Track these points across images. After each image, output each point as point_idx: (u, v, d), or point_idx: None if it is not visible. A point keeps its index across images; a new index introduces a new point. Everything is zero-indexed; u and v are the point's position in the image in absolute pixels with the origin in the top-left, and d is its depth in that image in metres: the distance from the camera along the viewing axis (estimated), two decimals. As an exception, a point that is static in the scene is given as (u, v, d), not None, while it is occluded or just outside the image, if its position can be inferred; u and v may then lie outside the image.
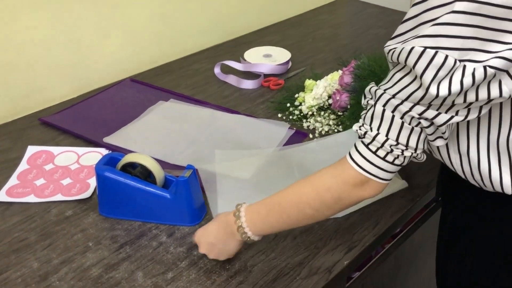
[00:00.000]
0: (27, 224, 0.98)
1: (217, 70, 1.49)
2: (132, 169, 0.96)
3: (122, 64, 1.49)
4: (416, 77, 0.68)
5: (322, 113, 1.27)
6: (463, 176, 0.82)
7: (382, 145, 0.73)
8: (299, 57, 1.59)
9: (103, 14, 1.41)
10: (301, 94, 1.32)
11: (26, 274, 0.88)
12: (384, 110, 0.72)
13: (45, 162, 1.14)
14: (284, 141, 1.19)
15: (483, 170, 0.78)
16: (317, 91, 1.28)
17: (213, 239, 0.86)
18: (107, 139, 1.19)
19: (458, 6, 0.64)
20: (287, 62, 1.52)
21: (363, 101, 0.77)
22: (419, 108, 0.70)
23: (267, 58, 1.54)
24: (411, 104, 0.70)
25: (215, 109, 1.31)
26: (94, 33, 1.41)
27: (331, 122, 1.24)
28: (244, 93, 1.41)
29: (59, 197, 1.03)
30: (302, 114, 1.28)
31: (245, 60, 1.53)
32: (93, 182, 1.07)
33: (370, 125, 0.74)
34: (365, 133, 0.75)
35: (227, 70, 1.50)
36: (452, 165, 0.82)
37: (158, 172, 0.95)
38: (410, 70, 0.69)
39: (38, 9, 1.27)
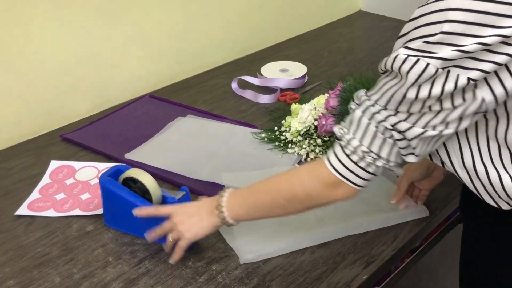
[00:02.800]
0: (49, 239, 1.00)
1: (234, 85, 1.51)
2: (133, 183, 0.97)
3: (141, 80, 1.52)
4: (398, 79, 0.69)
5: (307, 141, 1.20)
6: (477, 194, 0.80)
7: (355, 150, 0.75)
8: (315, 71, 1.60)
9: (123, 32, 1.44)
10: (288, 118, 1.27)
11: (48, 289, 0.90)
12: (361, 116, 0.74)
13: (66, 176, 1.16)
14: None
15: (494, 180, 0.76)
16: (302, 115, 1.22)
17: (190, 210, 0.88)
18: (129, 155, 1.21)
19: (446, 27, 0.65)
20: (303, 76, 1.54)
21: (349, 105, 0.79)
22: (392, 119, 0.71)
23: (284, 73, 1.56)
24: (387, 114, 0.72)
25: (233, 124, 1.33)
26: (114, 50, 1.44)
27: (317, 150, 1.18)
28: (261, 108, 1.42)
29: (77, 212, 1.06)
30: (287, 140, 1.22)
31: (261, 75, 1.55)
32: (113, 197, 1.09)
33: (348, 128, 0.76)
34: (342, 135, 0.77)
35: (244, 85, 1.51)
36: (463, 181, 0.81)
37: (155, 191, 0.96)
38: (396, 75, 0.70)
39: (59, 27, 1.31)
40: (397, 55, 0.69)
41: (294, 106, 1.28)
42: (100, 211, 1.04)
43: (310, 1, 1.91)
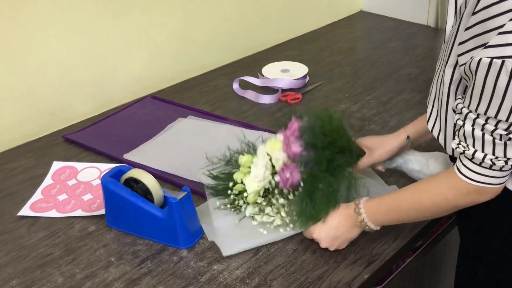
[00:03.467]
0: (51, 240, 1.00)
1: (235, 85, 1.52)
2: (135, 184, 0.98)
3: (143, 81, 1.53)
4: (490, 91, 0.69)
5: (265, 202, 1.00)
6: None
7: (483, 160, 0.75)
8: (316, 71, 1.60)
9: (124, 33, 1.44)
10: (237, 177, 1.03)
11: (51, 289, 0.90)
12: (473, 129, 0.75)
13: (69, 177, 1.17)
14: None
15: None
16: (257, 172, 1.00)
17: (335, 233, 0.92)
18: (128, 156, 1.21)
19: None
20: (304, 77, 1.54)
21: (454, 120, 0.78)
22: (503, 125, 0.71)
23: (285, 73, 1.56)
24: (495, 121, 0.72)
25: (234, 125, 1.33)
26: (115, 52, 1.45)
27: (283, 213, 0.98)
28: (262, 108, 1.43)
29: (79, 213, 1.06)
30: (246, 205, 1.02)
31: (263, 75, 1.55)
32: (115, 198, 1.09)
33: (465, 142, 0.77)
34: (464, 150, 0.77)
35: (245, 85, 1.52)
36: None
37: (156, 191, 0.97)
38: (484, 84, 0.70)
39: (61, 29, 1.32)
40: (480, 59, 0.68)
41: (244, 159, 1.04)
42: (102, 211, 1.05)
43: (311, 2, 1.91)
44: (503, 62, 0.66)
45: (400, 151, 1.04)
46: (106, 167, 1.19)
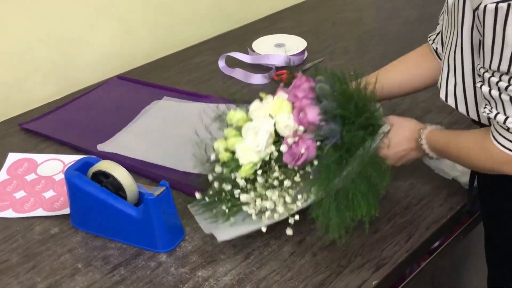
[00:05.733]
0: (8, 244, 1.01)
1: (221, 63, 1.52)
2: (105, 178, 0.98)
3: (111, 59, 1.53)
4: (500, 41, 0.72)
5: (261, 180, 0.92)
6: None
7: (506, 123, 0.78)
8: (316, 46, 1.61)
9: (89, 3, 1.44)
10: (219, 145, 0.95)
11: (8, 301, 0.91)
12: (490, 90, 0.78)
13: (27, 171, 1.17)
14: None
15: None
16: (258, 141, 0.91)
17: (402, 153, 0.99)
18: (102, 147, 1.21)
19: None
20: (302, 52, 1.55)
21: (476, 83, 0.81)
22: None
23: (280, 48, 1.57)
24: (508, 77, 0.74)
25: (218, 103, 1.29)
26: (78, 25, 1.44)
27: (288, 198, 0.90)
28: (253, 89, 1.43)
29: (39, 212, 1.07)
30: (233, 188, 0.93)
31: (253, 51, 1.56)
32: (81, 195, 1.10)
33: (490, 105, 0.80)
34: (488, 115, 0.81)
35: (234, 63, 1.52)
36: None
37: (130, 186, 0.97)
38: (494, 34, 0.72)
39: (13, 1, 1.31)
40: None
41: (235, 115, 0.96)
42: (67, 210, 1.05)
43: (309, -36, 1.91)
44: (509, 6, 0.68)
45: None
46: (71, 159, 1.19)
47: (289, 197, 0.92)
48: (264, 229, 0.94)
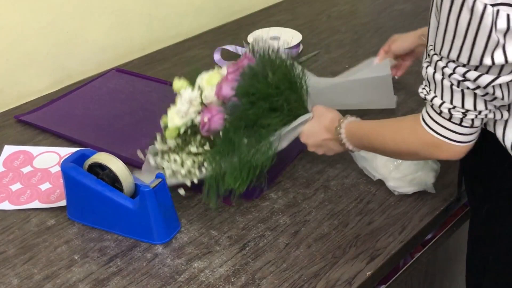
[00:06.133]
0: (4, 236, 1.01)
1: (217, 56, 1.52)
2: (101, 170, 0.99)
3: (107, 52, 1.53)
4: (452, 30, 0.73)
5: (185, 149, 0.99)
6: None
7: (440, 107, 0.81)
8: (311, 39, 1.62)
9: (85, -6, 1.44)
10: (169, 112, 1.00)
11: (5, 292, 0.92)
12: (434, 73, 0.80)
13: (23, 164, 1.17)
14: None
15: None
16: (180, 107, 0.97)
17: (320, 142, 1.04)
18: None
19: None
20: (297, 45, 1.55)
21: (422, 64, 0.83)
22: (461, 70, 0.76)
23: (275, 41, 1.56)
24: (455, 65, 0.76)
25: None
26: (74, 17, 1.44)
27: (188, 162, 0.98)
28: (249, 82, 1.44)
29: (36, 204, 1.07)
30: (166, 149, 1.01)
31: (249, 44, 1.56)
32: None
33: (429, 87, 0.82)
34: (425, 96, 0.83)
35: (229, 56, 1.52)
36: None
37: (126, 178, 0.98)
38: (447, 23, 0.74)
39: (10, -9, 1.31)
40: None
41: (178, 83, 1.02)
42: (63, 203, 1.06)
43: (305, -43, 1.91)
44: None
45: (416, 53, 1.22)
46: (67, 151, 1.20)
47: (195, 163, 0.99)
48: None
